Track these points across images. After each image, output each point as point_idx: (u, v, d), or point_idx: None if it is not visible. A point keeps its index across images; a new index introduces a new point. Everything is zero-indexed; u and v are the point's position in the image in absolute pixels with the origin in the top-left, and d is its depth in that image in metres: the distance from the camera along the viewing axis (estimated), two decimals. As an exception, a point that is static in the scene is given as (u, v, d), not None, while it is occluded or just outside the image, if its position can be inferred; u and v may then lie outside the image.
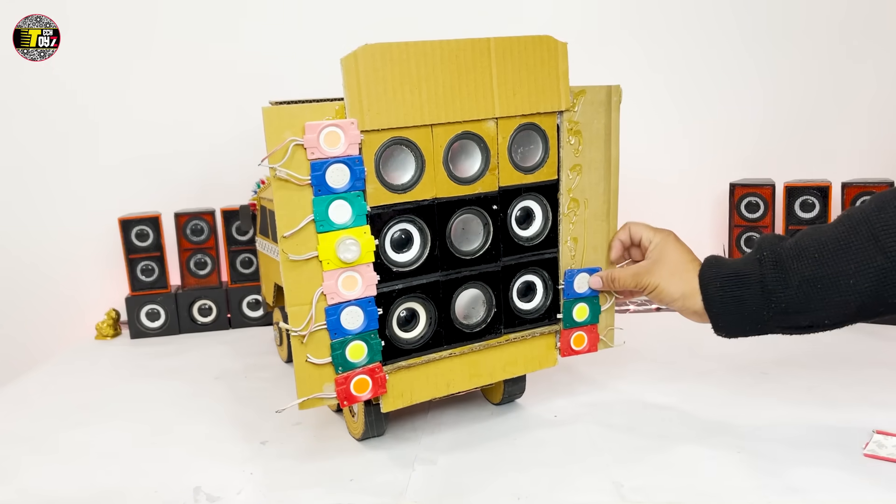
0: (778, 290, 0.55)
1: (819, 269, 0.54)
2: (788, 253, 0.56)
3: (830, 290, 0.53)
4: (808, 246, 0.55)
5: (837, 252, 0.53)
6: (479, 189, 0.62)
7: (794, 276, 0.55)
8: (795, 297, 0.55)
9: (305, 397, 0.58)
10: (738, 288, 0.58)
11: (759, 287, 0.56)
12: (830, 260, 0.53)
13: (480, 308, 0.65)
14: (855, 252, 0.52)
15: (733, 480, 0.56)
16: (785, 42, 1.11)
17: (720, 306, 0.59)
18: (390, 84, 0.56)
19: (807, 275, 0.54)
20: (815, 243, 0.55)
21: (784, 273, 0.55)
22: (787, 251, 0.56)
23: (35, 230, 1.13)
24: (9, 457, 0.68)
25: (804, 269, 0.54)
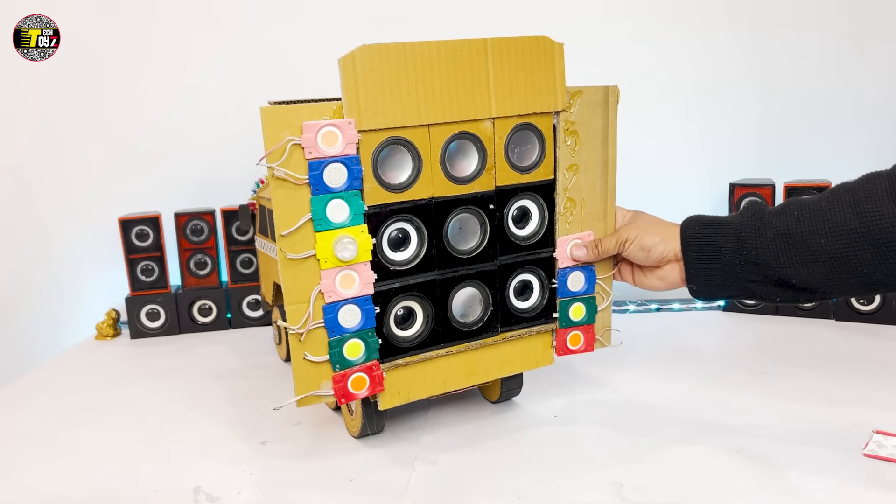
0: (751, 238, 0.57)
1: (794, 226, 0.55)
2: (770, 210, 0.58)
3: (801, 247, 0.54)
4: (790, 205, 0.57)
5: (816, 213, 0.54)
6: (475, 188, 0.62)
7: (769, 229, 0.56)
8: (768, 248, 0.56)
9: (303, 395, 0.58)
10: (715, 234, 0.59)
11: (735, 236, 0.58)
12: (807, 219, 0.54)
13: (477, 307, 0.65)
14: (832, 214, 0.53)
15: (733, 480, 0.56)
16: (785, 41, 1.11)
17: (696, 249, 0.60)
18: (388, 84, 0.56)
19: (781, 229, 0.55)
20: (798, 205, 0.56)
21: (761, 224, 0.57)
22: (770, 210, 0.58)
23: (35, 230, 1.14)
24: (9, 457, 0.69)
25: (780, 223, 0.56)
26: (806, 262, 0.54)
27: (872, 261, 0.52)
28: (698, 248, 0.60)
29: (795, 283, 0.55)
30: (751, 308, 1.03)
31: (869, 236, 0.51)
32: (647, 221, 0.65)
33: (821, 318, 0.98)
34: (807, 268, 0.54)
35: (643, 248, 0.63)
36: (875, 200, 0.51)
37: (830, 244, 0.53)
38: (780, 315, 1.01)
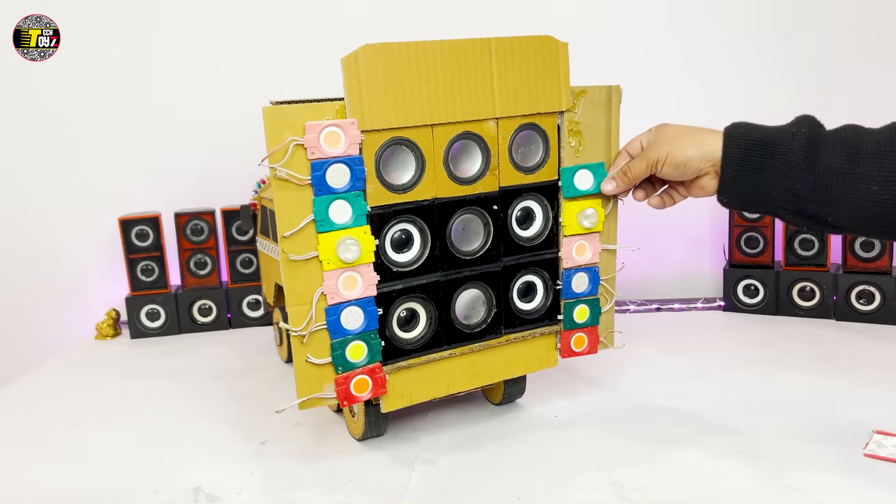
0: (801, 169, 0.53)
1: (848, 165, 0.52)
2: (825, 139, 0.54)
3: (850, 189, 0.52)
4: (847, 139, 0.53)
5: (873, 156, 0.51)
6: (479, 189, 0.62)
7: (821, 162, 0.53)
8: (814, 183, 0.53)
9: (305, 397, 0.58)
10: (762, 155, 0.56)
11: (783, 161, 0.54)
12: (863, 160, 0.51)
13: (481, 308, 0.65)
14: (891, 161, 0.50)
15: (733, 480, 0.56)
16: (785, 41, 1.11)
17: (738, 168, 0.57)
18: (391, 84, 0.56)
19: (834, 166, 0.52)
20: (855, 138, 0.53)
21: (814, 155, 0.53)
22: (825, 137, 0.54)
23: (35, 230, 1.13)
24: (9, 457, 0.68)
25: (833, 159, 0.52)
26: (849, 205, 0.52)
27: None
28: (740, 167, 0.56)
29: (831, 220, 0.53)
30: (751, 308, 1.03)
31: None
32: (675, 133, 0.60)
33: (821, 318, 0.98)
34: (848, 210, 0.52)
35: (678, 164, 0.59)
36: None
37: (881, 193, 0.50)
38: (780, 315, 1.01)
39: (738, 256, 1.04)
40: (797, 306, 1.00)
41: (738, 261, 1.04)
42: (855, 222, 0.53)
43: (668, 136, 0.60)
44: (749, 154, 0.56)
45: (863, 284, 0.95)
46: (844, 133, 0.54)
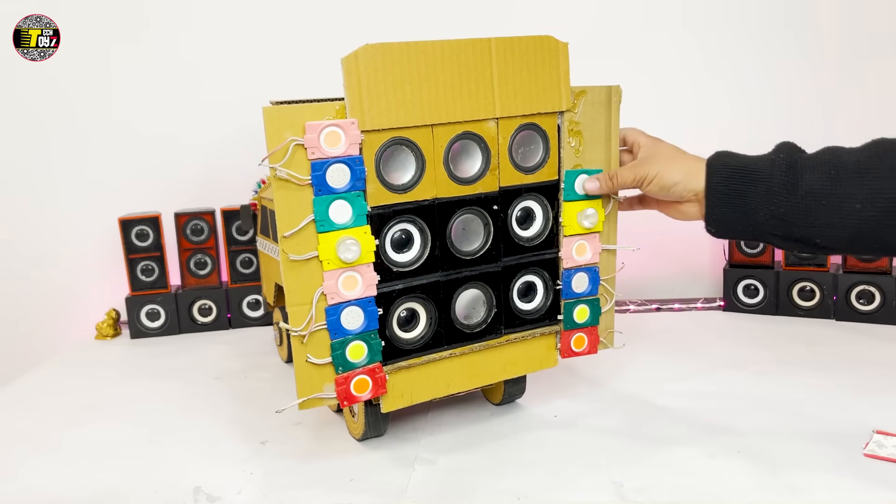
0: (783, 194, 0.54)
1: (830, 186, 0.52)
2: (805, 162, 0.55)
3: (833, 209, 0.52)
4: (826, 161, 0.54)
5: (853, 174, 0.52)
6: (479, 189, 0.62)
7: (802, 185, 0.54)
8: (798, 206, 0.54)
9: (305, 397, 0.58)
10: (744, 183, 0.57)
11: (766, 187, 0.55)
12: (844, 180, 0.52)
13: (481, 308, 0.65)
14: (871, 179, 0.51)
15: (733, 480, 0.56)
16: (785, 41, 1.11)
17: (721, 197, 0.58)
18: (391, 84, 0.56)
19: (815, 188, 0.53)
20: (835, 159, 0.53)
21: (795, 179, 0.54)
22: (805, 160, 0.55)
23: (35, 230, 1.13)
24: (9, 457, 0.68)
25: (814, 181, 0.53)
26: (834, 226, 0.53)
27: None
28: (723, 196, 0.57)
29: (819, 242, 0.54)
30: (751, 308, 1.03)
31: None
32: (667, 155, 0.62)
33: (821, 318, 0.98)
34: (834, 231, 0.53)
35: (664, 187, 0.61)
36: None
37: (865, 210, 0.51)
38: (780, 315, 1.01)
39: (738, 256, 1.04)
40: (797, 306, 1.00)
41: (738, 261, 1.04)
42: (843, 242, 0.53)
43: (661, 156, 0.62)
44: (731, 182, 0.57)
45: (863, 284, 0.95)
46: (824, 155, 0.54)
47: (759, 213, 0.56)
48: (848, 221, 0.52)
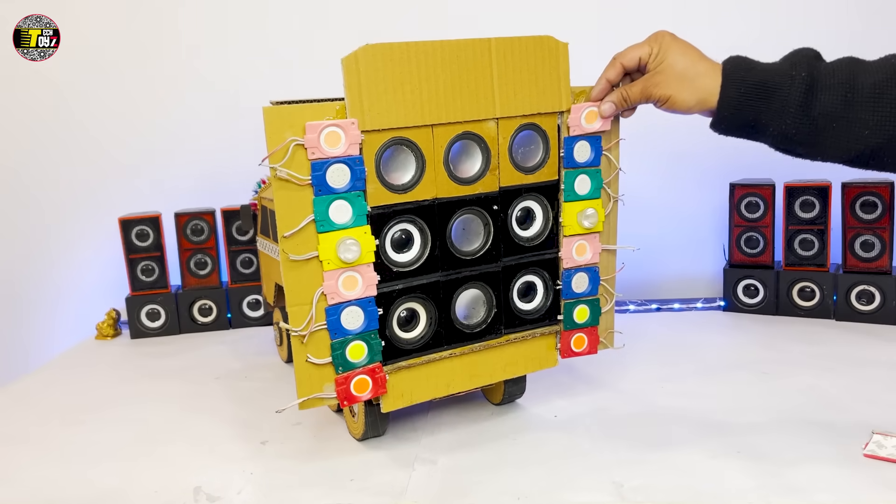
0: (797, 115, 0.54)
1: (843, 110, 0.53)
2: (823, 79, 0.54)
3: (842, 132, 0.53)
4: (843, 81, 0.53)
5: (868, 99, 0.52)
6: (479, 189, 0.62)
7: (816, 106, 0.54)
8: (809, 126, 0.54)
9: (305, 397, 0.58)
10: (760, 100, 0.56)
11: (780, 105, 0.55)
12: (858, 104, 0.52)
13: (481, 308, 0.65)
14: (885, 104, 0.51)
15: (733, 480, 0.56)
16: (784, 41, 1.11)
17: (734, 110, 0.57)
18: (391, 84, 0.56)
19: (829, 110, 0.53)
20: (852, 79, 0.53)
21: (811, 98, 0.54)
22: (823, 77, 0.54)
23: (35, 230, 1.13)
24: (9, 457, 0.68)
25: (829, 103, 0.53)
26: (839, 148, 0.53)
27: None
28: (736, 109, 0.57)
29: (820, 159, 0.55)
30: (751, 308, 1.03)
31: None
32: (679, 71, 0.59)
33: (821, 318, 0.98)
34: (837, 151, 0.53)
35: (675, 110, 0.60)
36: None
37: (873, 137, 0.52)
38: (780, 315, 1.01)
39: (738, 256, 1.04)
40: (797, 306, 1.00)
41: (738, 261, 1.04)
42: (840, 160, 0.55)
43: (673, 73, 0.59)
44: (747, 99, 0.56)
45: (863, 284, 0.95)
46: (841, 72, 0.54)
47: (769, 128, 0.56)
48: (854, 146, 0.53)
